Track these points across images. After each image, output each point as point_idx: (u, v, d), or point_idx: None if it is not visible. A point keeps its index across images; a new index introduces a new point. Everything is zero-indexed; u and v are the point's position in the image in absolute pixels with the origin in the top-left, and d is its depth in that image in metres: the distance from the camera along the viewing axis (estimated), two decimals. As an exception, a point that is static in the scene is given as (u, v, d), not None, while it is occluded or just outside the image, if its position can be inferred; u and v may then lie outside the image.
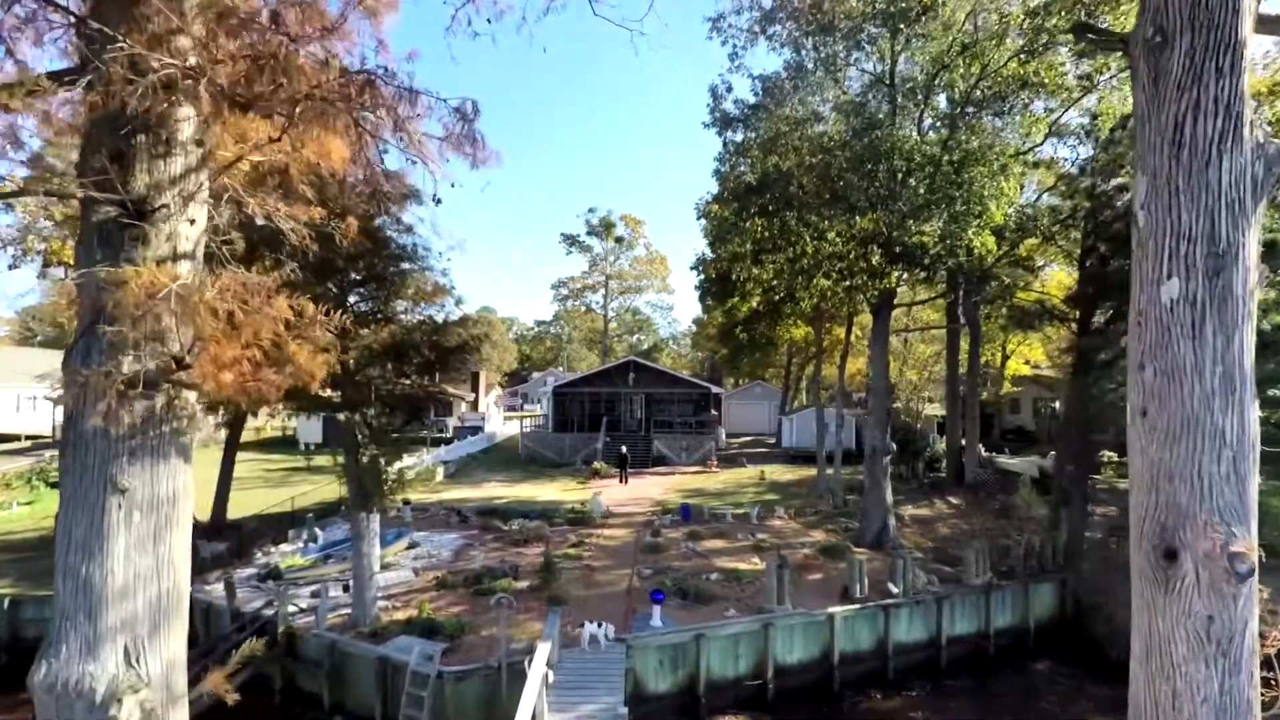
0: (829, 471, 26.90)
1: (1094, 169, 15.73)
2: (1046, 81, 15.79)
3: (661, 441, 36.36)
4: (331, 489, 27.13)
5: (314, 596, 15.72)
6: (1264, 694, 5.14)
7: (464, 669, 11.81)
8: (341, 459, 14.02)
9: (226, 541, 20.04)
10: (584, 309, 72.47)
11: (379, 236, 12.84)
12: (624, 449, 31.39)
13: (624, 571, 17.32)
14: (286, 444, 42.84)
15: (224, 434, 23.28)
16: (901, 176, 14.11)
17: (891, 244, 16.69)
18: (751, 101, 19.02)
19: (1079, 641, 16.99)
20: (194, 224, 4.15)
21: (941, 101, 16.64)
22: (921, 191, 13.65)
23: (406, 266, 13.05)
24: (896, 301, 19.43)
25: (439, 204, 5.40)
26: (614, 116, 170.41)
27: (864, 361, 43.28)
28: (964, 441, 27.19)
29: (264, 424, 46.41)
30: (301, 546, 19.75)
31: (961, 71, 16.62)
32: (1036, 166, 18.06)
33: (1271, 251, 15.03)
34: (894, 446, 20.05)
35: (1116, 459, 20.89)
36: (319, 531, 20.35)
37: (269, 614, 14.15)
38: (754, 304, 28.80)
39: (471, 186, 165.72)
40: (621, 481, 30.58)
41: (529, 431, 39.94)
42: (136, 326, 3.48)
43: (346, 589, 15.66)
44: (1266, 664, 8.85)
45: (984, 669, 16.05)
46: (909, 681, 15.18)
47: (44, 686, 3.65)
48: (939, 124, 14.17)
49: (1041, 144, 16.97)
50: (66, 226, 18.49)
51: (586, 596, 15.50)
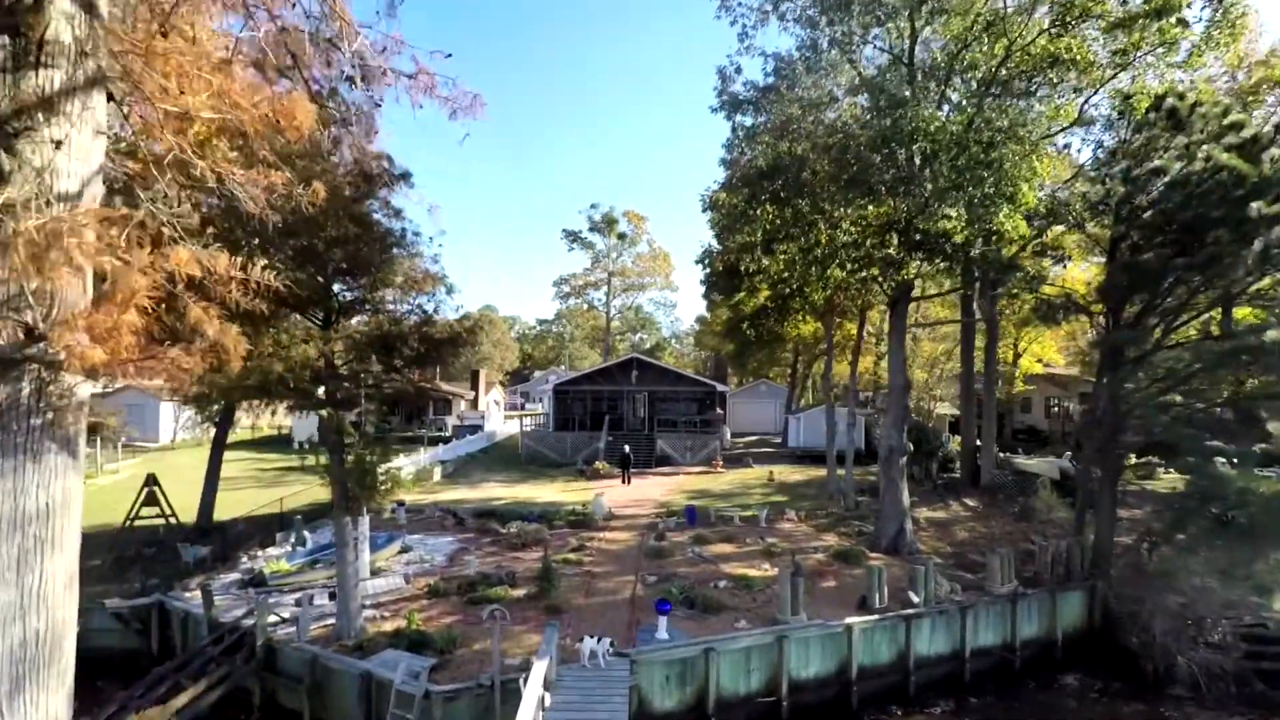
0: (839, 472, 25.93)
1: (1130, 151, 14.74)
2: (1078, 58, 14.82)
3: (665, 441, 35.42)
4: (324, 489, 26.27)
5: (298, 605, 14.83)
6: None
7: (454, 688, 10.87)
8: (325, 459, 13.08)
9: (211, 545, 19.12)
10: (586, 307, 71.56)
11: (364, 220, 11.92)
12: (626, 448, 30.46)
13: (627, 578, 16.39)
14: (282, 442, 41.96)
15: (211, 431, 22.38)
16: (925, 158, 13.16)
17: (910, 232, 15.73)
18: (762, 83, 18.05)
19: (1110, 653, 16.02)
20: (81, 159, 3.21)
21: (962, 84, 15.64)
22: (946, 173, 12.69)
23: (395, 252, 12.10)
24: (913, 295, 18.46)
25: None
26: (616, 116, 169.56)
27: (871, 360, 42.37)
28: (979, 442, 26.24)
29: (256, 422, 45.65)
30: (289, 550, 18.85)
31: (985, 49, 15.65)
32: (1062, 151, 17.09)
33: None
34: (911, 447, 19.10)
35: (1157, 461, 19.84)
36: (307, 535, 19.45)
37: (249, 624, 13.24)
38: (761, 299, 27.96)
39: (473, 186, 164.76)
40: (624, 482, 29.66)
41: (529, 430, 39.03)
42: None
43: (333, 596, 14.74)
44: None
45: (1010, 683, 15.09)
46: (931, 697, 14.23)
47: None
48: (964, 103, 13.20)
49: (1070, 126, 15.99)
50: None
51: (587, 605, 14.57)
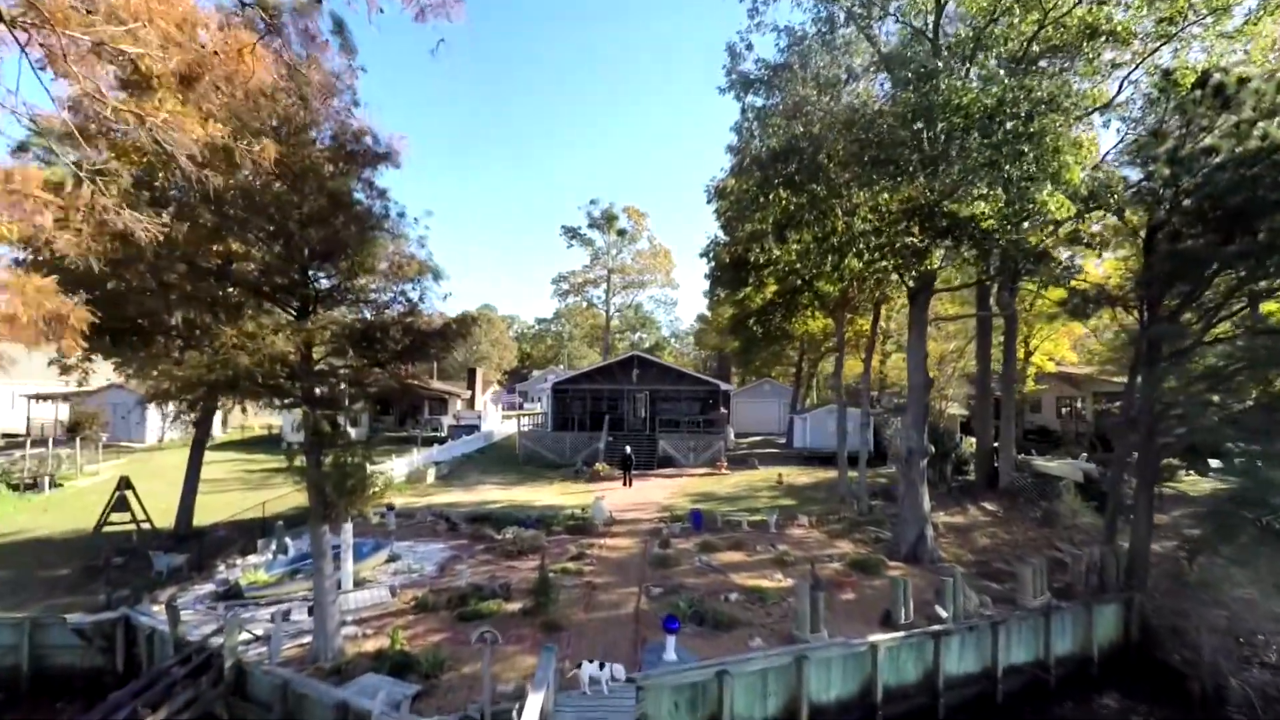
0: (851, 474, 24.81)
1: (1177, 130, 13.61)
2: (1119, 30, 13.69)
3: (667, 441, 34.27)
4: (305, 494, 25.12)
5: (274, 620, 13.69)
6: None
7: (439, 720, 9.74)
8: (301, 461, 11.92)
9: (187, 552, 17.95)
10: (585, 305, 70.32)
11: (340, 196, 10.76)
12: (627, 449, 29.33)
13: (630, 590, 15.25)
14: (272, 442, 40.75)
15: (191, 431, 21.21)
16: (957, 134, 12.01)
17: (936, 217, 14.60)
18: (774, 61, 16.90)
19: (1150, 671, 14.89)
20: None
21: (991, 61, 14.49)
22: (979, 149, 11.54)
23: (376, 235, 10.93)
24: (934, 287, 17.29)
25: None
26: (617, 115, 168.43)
27: (877, 359, 41.20)
28: (996, 443, 25.13)
29: (245, 422, 44.47)
30: (269, 559, 17.70)
31: (1017, 19, 14.51)
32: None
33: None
34: (932, 448, 17.99)
35: (1177, 463, 18.68)
36: (289, 541, 18.29)
37: (218, 644, 12.09)
38: (769, 293, 26.83)
39: (472, 186, 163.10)
40: (625, 484, 28.54)
41: (527, 431, 37.86)
42: None
43: (313, 611, 13.61)
44: None
45: (1044, 703, 13.95)
46: (962, 720, 13.11)
47: None
48: (998, 75, 12.07)
49: (1105, 106, 14.85)
50: None
51: (588, 621, 13.42)
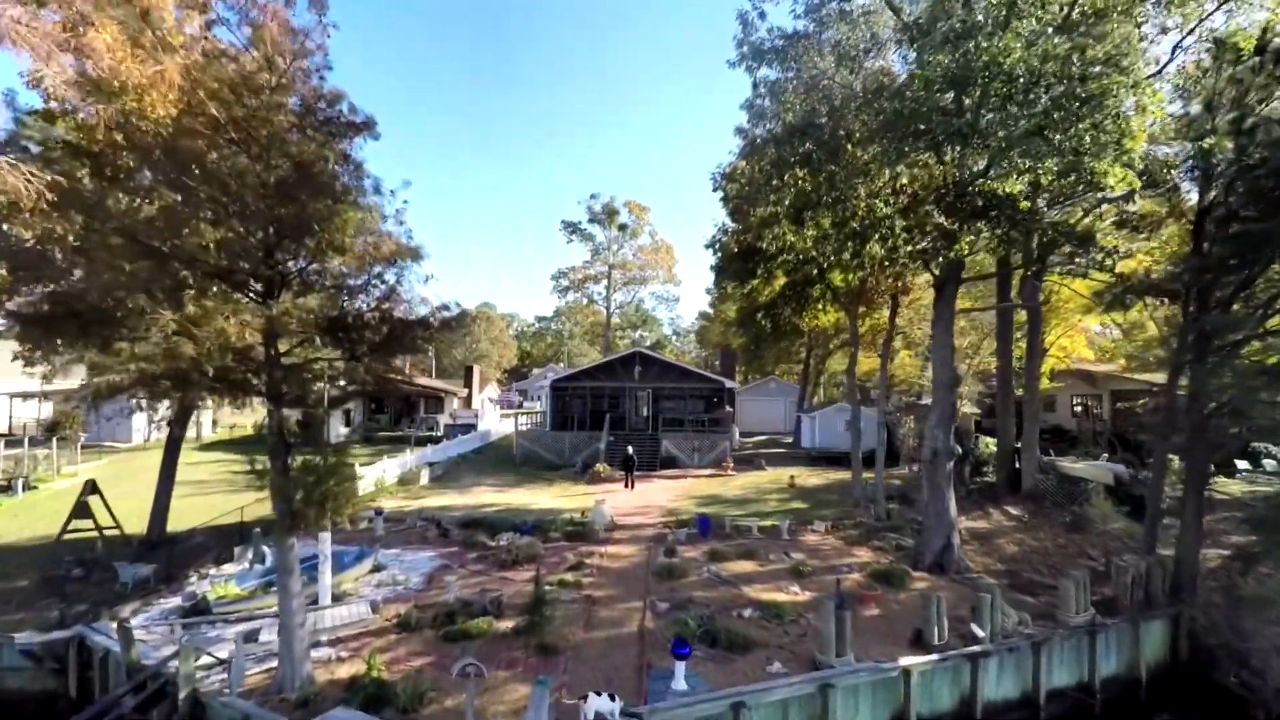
0: (866, 476, 23.51)
1: (1234, 100, 12.30)
2: (1172, -12, 12.39)
3: (671, 441, 32.99)
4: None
5: (245, 641, 12.41)
6: None
7: (415, 765, 8.47)
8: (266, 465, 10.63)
9: (156, 562, 16.67)
10: (586, 301, 68.99)
11: (308, 165, 9.47)
12: (629, 450, 28.04)
13: (634, 604, 13.96)
14: (262, 442, 39.49)
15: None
16: (999, 101, 10.70)
17: (969, 196, 13.29)
18: (790, 30, 15.57)
19: (1202, 693, 13.60)
20: None
21: (1030, 23, 13.15)
22: (1024, 117, 10.22)
23: (347, 207, 9.62)
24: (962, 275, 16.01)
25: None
26: (620, 114, 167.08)
27: (874, 360, 39.88)
28: (1017, 444, 23.83)
29: (236, 421, 43.19)
30: (245, 569, 16.43)
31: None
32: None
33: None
34: (959, 449, 16.70)
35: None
36: (267, 549, 16.99)
37: (174, 669, 10.82)
38: (778, 286, 25.53)
39: (473, 185, 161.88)
40: (627, 486, 27.27)
41: (525, 430, 36.56)
42: None
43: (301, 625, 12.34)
44: None
45: (1090, 732, 12.71)
46: (1002, 753, 11.84)
47: None
48: (1050, 31, 10.76)
49: (1158, 73, 13.53)
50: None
51: (588, 641, 12.12)
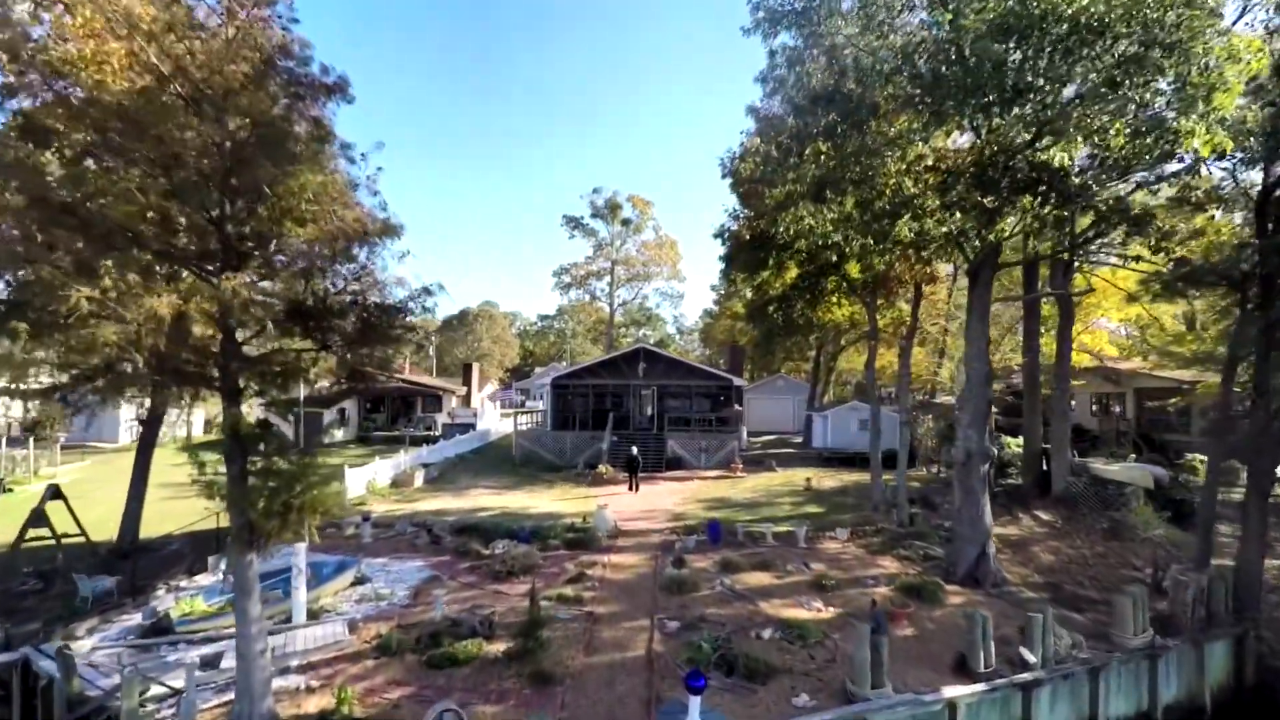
0: (885, 477, 22.13)
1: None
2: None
3: (677, 441, 31.64)
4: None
5: (205, 667, 11.14)
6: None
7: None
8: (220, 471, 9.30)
9: (120, 574, 15.37)
10: (588, 298, 67.64)
11: (265, 125, 8.14)
12: (634, 450, 26.70)
13: (640, 622, 12.63)
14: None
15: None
16: (1059, 53, 9.31)
17: (1013, 169, 11.92)
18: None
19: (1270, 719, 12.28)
20: None
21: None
22: (1093, 70, 8.87)
23: (311, 176, 8.27)
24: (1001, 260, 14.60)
25: None
26: (623, 113, 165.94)
27: (893, 354, 38.48)
28: (1045, 445, 22.43)
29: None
30: (219, 580, 15.15)
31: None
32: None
33: None
34: (995, 451, 15.32)
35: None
36: (243, 560, 15.70)
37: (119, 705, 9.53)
38: (790, 277, 24.20)
39: (475, 184, 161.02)
40: (631, 489, 25.93)
41: (525, 430, 35.24)
42: None
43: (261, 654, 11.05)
44: None
45: (1152, 767, 11.36)
46: (1057, 794, 10.49)
47: None
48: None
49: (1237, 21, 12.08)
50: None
51: (589, 668, 10.79)
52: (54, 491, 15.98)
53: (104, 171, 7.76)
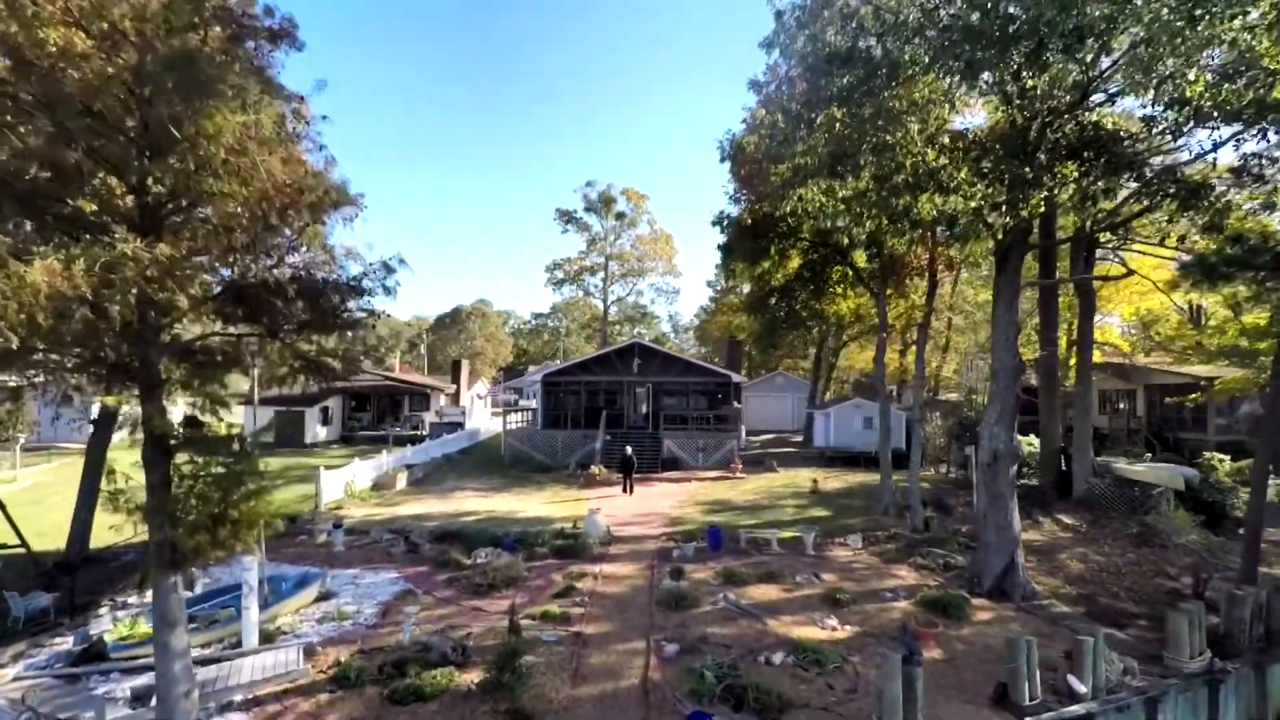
0: (895, 478, 20.81)
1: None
2: None
3: (673, 441, 30.28)
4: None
5: (135, 702, 9.74)
6: None
7: None
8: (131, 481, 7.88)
9: (63, 589, 13.89)
10: (581, 294, 66.14)
11: (184, 59, 6.69)
12: (628, 450, 25.31)
13: (634, 644, 11.25)
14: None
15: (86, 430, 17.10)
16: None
17: (1055, 129, 10.58)
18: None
19: (1341, 753, 10.99)
20: None
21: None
22: (1168, 5, 7.54)
23: (233, 117, 6.80)
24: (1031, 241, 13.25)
25: None
26: (619, 113, 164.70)
27: (895, 350, 37.24)
28: (1062, 443, 21.16)
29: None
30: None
31: None
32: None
33: None
34: (1023, 450, 14.02)
35: None
36: (197, 572, 14.26)
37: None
38: (792, 267, 22.91)
39: (470, 183, 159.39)
40: (625, 490, 24.57)
41: (514, 429, 33.81)
42: None
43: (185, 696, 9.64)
44: None
45: (1213, 808, 10.05)
46: (1113, 845, 9.16)
47: None
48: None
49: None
50: None
51: (575, 702, 9.40)
52: (-12, 498, 14.48)
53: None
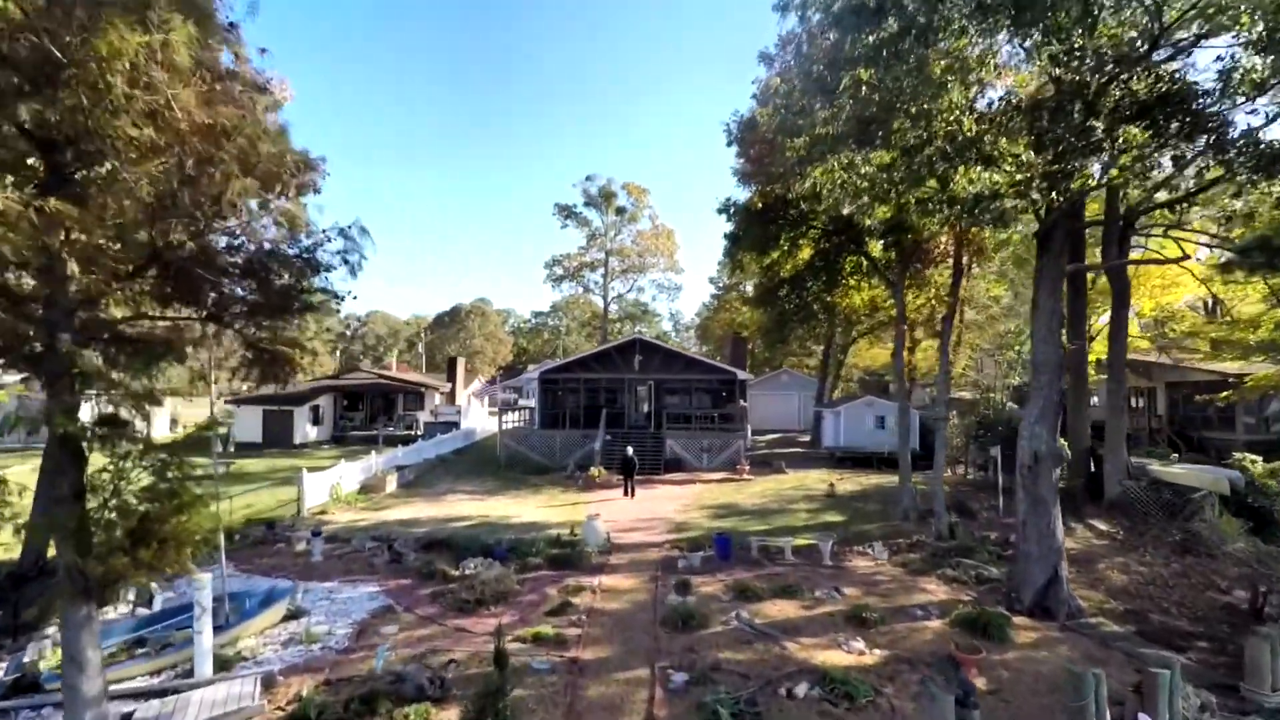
0: (914, 480, 19.50)
1: None
2: None
3: (676, 441, 28.99)
4: (238, 503, 19.86)
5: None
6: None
7: None
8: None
9: (9, 604, 12.61)
10: (581, 291, 64.81)
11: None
12: (629, 451, 24.03)
13: (636, 673, 9.95)
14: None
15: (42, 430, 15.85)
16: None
17: (1123, 82, 9.29)
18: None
19: None
20: None
21: None
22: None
23: (130, 35, 5.50)
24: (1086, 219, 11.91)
25: None
26: (616, 115, 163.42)
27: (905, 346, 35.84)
28: (1091, 443, 19.85)
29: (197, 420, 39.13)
30: (126, 616, 12.45)
31: None
32: None
33: None
34: (1068, 452, 12.74)
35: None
36: (156, 587, 13.03)
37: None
38: (803, 257, 21.63)
39: (470, 183, 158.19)
40: (626, 493, 23.31)
41: (510, 429, 32.52)
42: None
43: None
44: None
45: None
46: None
47: None
48: None
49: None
50: None
51: (570, 745, 8.12)
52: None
53: None
